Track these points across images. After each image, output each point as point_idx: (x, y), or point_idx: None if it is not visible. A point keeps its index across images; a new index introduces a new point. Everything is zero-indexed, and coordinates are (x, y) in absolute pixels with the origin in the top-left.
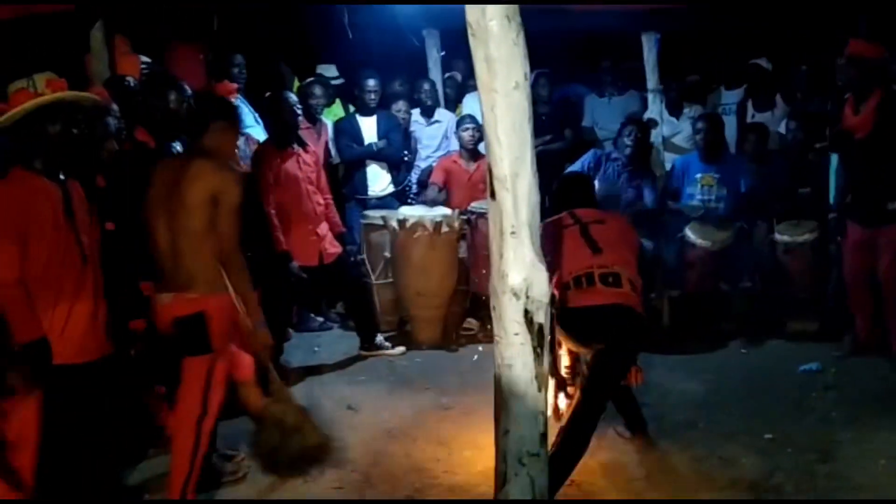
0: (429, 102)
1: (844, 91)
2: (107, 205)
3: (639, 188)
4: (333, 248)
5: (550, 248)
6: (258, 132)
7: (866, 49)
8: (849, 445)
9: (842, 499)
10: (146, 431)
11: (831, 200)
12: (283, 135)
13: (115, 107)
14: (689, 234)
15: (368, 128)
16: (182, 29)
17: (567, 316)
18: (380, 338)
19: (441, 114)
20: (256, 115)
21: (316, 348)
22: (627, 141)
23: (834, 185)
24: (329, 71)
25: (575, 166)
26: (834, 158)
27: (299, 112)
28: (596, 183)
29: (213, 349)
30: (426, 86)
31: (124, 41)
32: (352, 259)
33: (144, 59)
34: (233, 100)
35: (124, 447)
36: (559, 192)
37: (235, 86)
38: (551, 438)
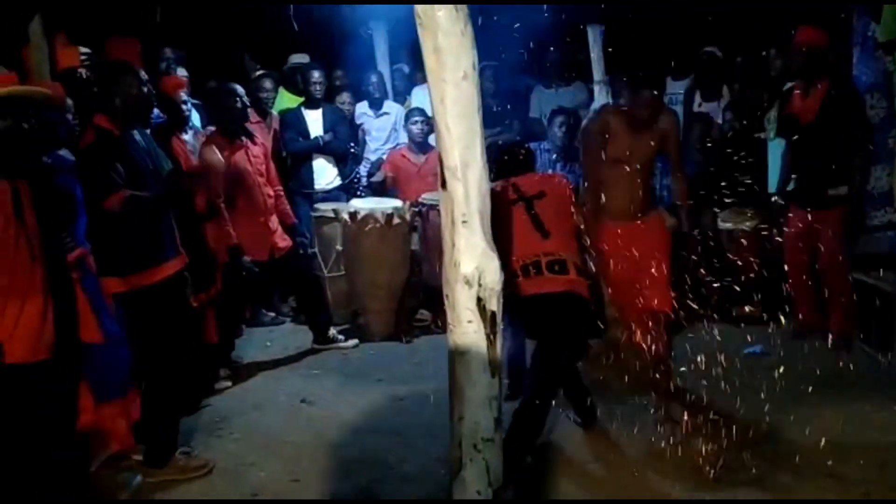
0: (377, 95)
1: (779, 81)
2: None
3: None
4: (284, 241)
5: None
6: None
7: (815, 36)
8: (792, 425)
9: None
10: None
11: (772, 188)
12: (232, 127)
13: (69, 101)
14: None
15: (314, 120)
16: (123, 21)
17: (515, 304)
18: (333, 331)
19: (389, 106)
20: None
21: (268, 343)
22: (558, 131)
23: (777, 170)
24: (303, 59)
25: None
26: (772, 146)
27: (247, 103)
28: None
29: None
30: (374, 78)
31: (62, 33)
32: (301, 252)
33: (84, 49)
34: (182, 94)
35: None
36: (498, 161)
37: (185, 80)
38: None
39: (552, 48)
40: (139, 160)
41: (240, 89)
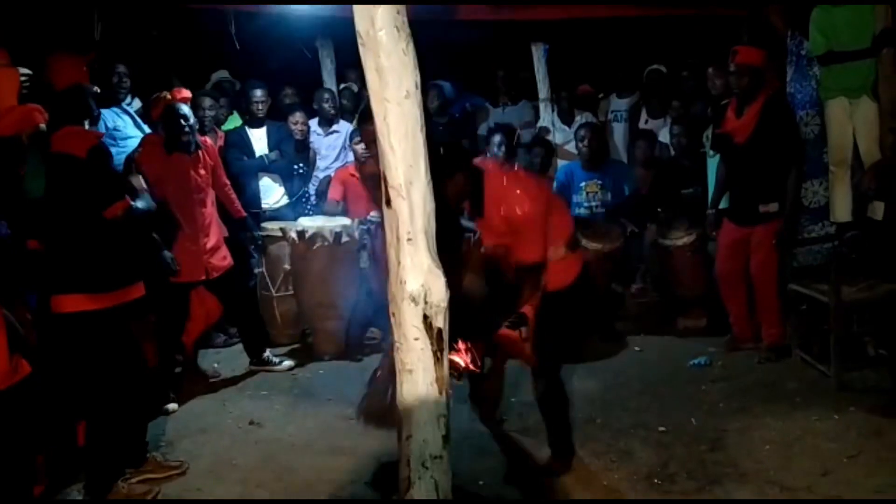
0: (331, 113)
1: (720, 97)
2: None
3: None
4: (223, 261)
5: None
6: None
7: (753, 56)
8: (736, 434)
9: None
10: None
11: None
12: (172, 143)
13: None
14: (580, 238)
15: (258, 139)
16: (63, 39)
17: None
18: (268, 352)
19: (340, 124)
20: (139, 121)
21: (216, 364)
22: (496, 149)
23: (711, 184)
24: (223, 74)
25: None
26: (711, 162)
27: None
28: None
29: None
30: (326, 96)
31: (3, 53)
32: (244, 271)
33: (24, 70)
34: (184, 105)
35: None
36: None
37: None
38: None
39: (498, 67)
40: None
41: (183, 108)
